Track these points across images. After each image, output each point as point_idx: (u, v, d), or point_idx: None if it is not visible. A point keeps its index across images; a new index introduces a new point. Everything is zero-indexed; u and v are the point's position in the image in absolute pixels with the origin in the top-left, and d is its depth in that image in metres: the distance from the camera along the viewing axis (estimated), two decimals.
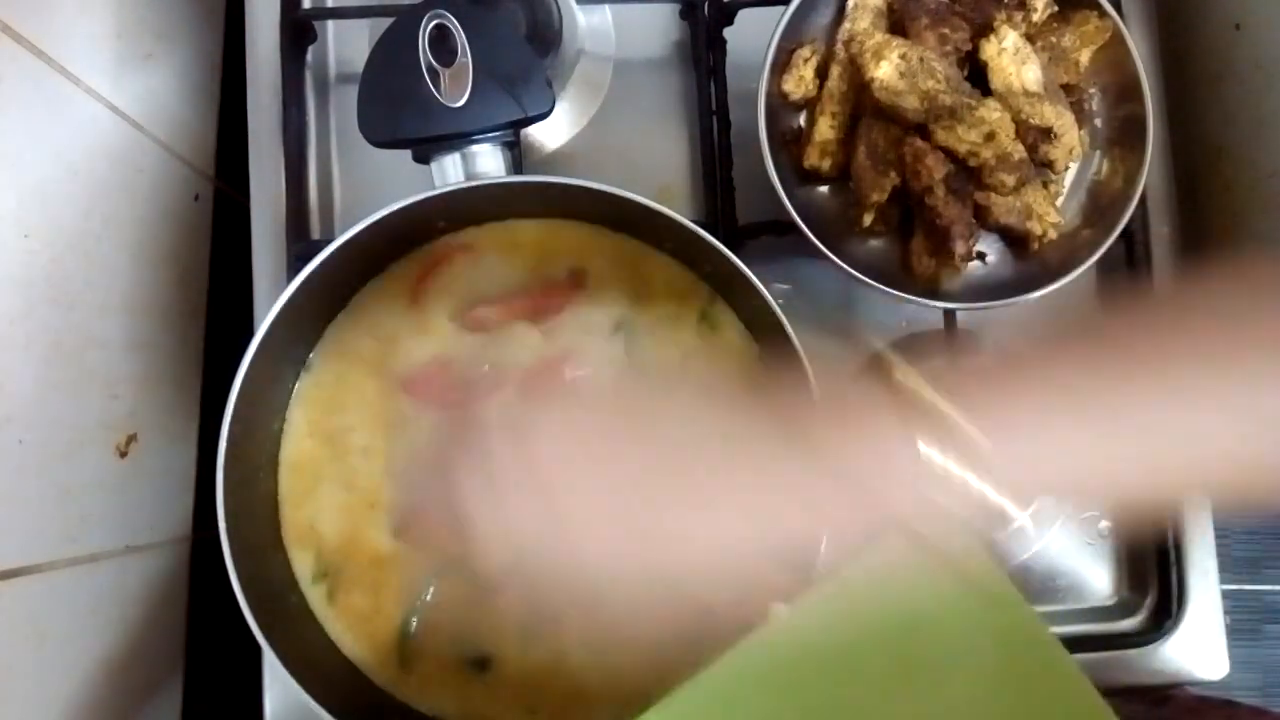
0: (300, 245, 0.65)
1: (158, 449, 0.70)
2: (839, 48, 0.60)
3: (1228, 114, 0.69)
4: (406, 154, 0.56)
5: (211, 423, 0.58)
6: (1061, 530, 0.69)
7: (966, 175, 0.58)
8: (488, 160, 0.55)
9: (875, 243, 0.62)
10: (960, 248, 0.58)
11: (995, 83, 0.58)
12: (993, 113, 0.57)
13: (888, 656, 0.42)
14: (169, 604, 0.72)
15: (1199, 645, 0.67)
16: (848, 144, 0.61)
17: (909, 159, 0.57)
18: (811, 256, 0.58)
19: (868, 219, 0.60)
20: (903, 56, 0.56)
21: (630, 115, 0.69)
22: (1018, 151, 0.57)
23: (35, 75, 0.57)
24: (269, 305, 0.53)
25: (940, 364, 0.65)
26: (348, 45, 0.70)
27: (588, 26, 0.69)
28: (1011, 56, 0.58)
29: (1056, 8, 0.60)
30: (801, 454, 0.39)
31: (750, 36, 0.64)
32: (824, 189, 0.63)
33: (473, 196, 0.56)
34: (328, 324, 0.59)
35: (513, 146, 0.57)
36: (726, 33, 0.67)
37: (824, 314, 0.67)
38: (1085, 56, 0.61)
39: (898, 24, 0.60)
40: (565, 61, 0.67)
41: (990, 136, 0.56)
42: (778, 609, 0.42)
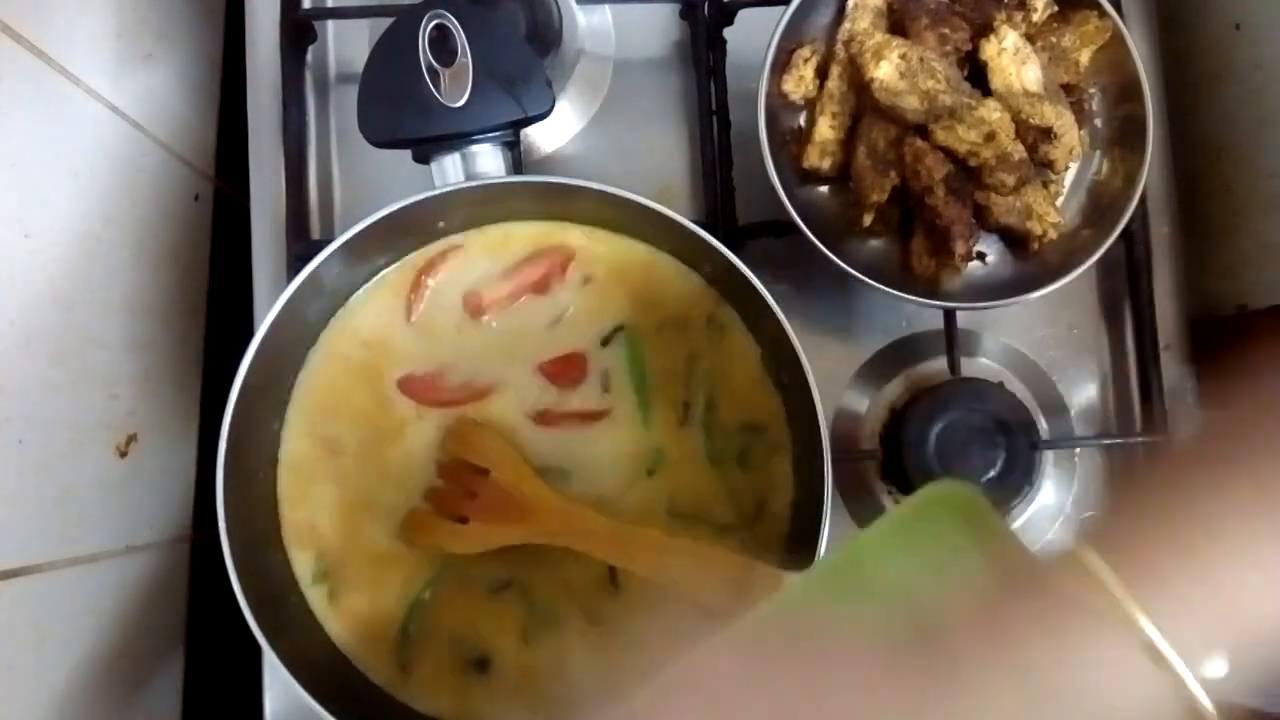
0: (300, 245, 0.65)
1: (158, 449, 0.70)
2: (839, 48, 0.60)
3: (1228, 114, 0.69)
4: (406, 154, 0.56)
5: (211, 423, 0.58)
6: None
7: (966, 175, 0.58)
8: (488, 160, 0.55)
9: (875, 243, 0.62)
10: (960, 248, 0.58)
11: (995, 83, 0.58)
12: (993, 113, 0.57)
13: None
14: (169, 604, 0.72)
15: None
16: (848, 144, 0.61)
17: (909, 159, 0.57)
18: (811, 256, 0.58)
19: (868, 219, 0.60)
20: (903, 56, 0.56)
21: (630, 115, 0.69)
22: (1018, 151, 0.57)
23: (35, 75, 0.57)
24: (269, 305, 0.53)
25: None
26: (348, 45, 0.70)
27: (588, 26, 0.69)
28: (1011, 56, 0.58)
29: (1056, 8, 0.60)
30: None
31: (750, 36, 0.64)
32: (824, 189, 0.63)
33: (473, 196, 0.56)
34: (327, 324, 0.59)
35: (513, 146, 0.57)
36: (726, 33, 0.67)
37: (824, 314, 0.67)
38: (1085, 56, 0.61)
39: (898, 24, 0.60)
40: (565, 61, 0.67)
41: (990, 136, 0.56)
42: (790, 577, 0.40)
